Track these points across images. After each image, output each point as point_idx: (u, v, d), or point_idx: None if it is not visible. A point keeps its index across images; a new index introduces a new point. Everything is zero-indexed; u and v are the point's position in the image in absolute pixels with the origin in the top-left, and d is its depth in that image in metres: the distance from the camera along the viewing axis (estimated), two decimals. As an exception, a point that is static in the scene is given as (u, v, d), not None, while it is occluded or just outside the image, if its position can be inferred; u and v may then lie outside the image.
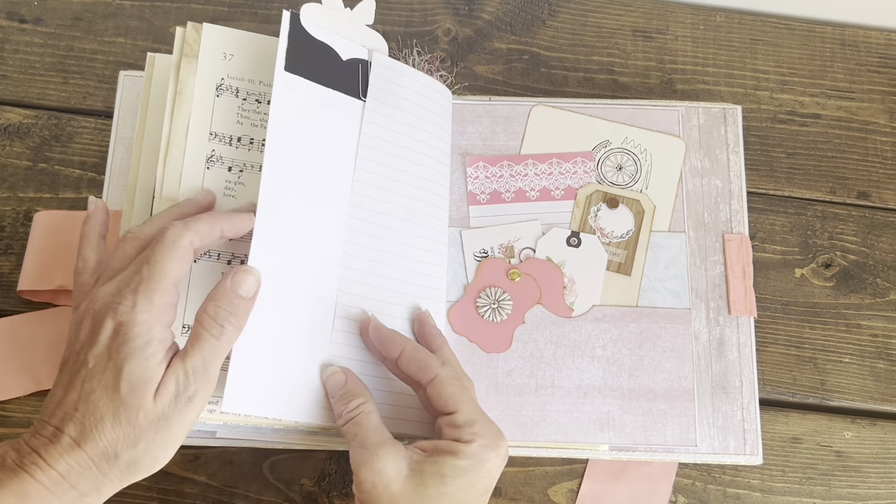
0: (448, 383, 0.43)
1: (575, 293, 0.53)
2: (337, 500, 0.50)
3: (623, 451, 0.50)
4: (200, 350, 0.39)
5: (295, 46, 0.47)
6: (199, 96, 0.47)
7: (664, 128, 0.56)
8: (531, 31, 0.60)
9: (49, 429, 0.37)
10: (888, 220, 0.57)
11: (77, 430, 0.37)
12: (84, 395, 0.37)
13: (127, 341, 0.37)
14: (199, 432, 0.49)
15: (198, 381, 0.38)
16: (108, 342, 0.38)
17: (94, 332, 0.38)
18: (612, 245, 0.54)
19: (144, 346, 0.37)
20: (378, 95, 0.50)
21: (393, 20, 0.60)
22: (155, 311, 0.38)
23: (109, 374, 0.37)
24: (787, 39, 0.61)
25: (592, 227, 0.54)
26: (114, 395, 0.37)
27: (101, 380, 0.37)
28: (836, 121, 0.59)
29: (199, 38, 0.48)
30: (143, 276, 0.39)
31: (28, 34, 0.59)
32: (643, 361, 0.52)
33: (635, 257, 0.53)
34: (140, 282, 0.38)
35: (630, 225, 0.54)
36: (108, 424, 0.37)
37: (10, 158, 0.56)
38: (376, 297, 0.48)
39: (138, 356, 0.37)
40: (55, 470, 0.36)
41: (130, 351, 0.37)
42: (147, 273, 0.39)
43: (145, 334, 0.38)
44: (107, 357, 0.37)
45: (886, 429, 0.53)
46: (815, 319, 0.55)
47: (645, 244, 0.54)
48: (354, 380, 0.45)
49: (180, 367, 0.38)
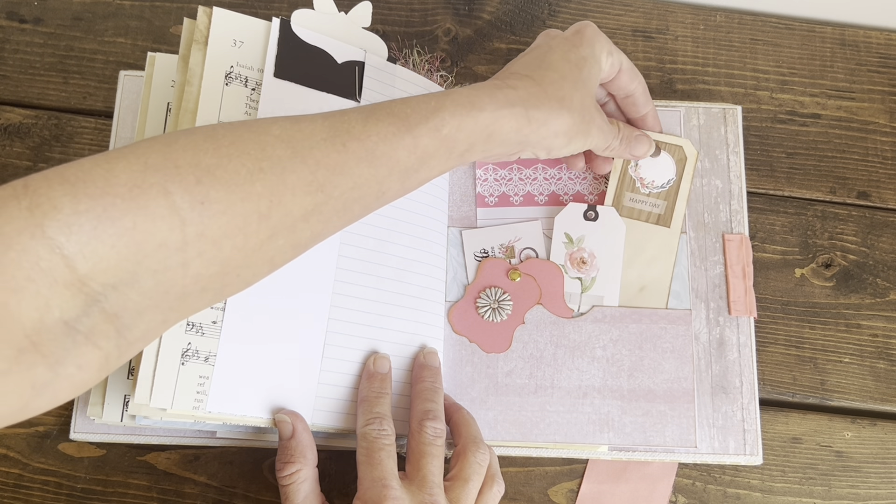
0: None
1: (596, 267, 0.53)
2: (337, 500, 0.50)
3: (623, 451, 0.50)
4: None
5: (285, 52, 0.47)
6: (207, 84, 0.46)
7: (665, 129, 0.56)
8: (531, 31, 0.60)
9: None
10: (888, 220, 0.57)
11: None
12: None
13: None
14: (199, 432, 0.49)
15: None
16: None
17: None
18: (651, 196, 0.53)
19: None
20: (372, 97, 0.50)
21: (393, 20, 0.60)
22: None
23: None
24: (787, 39, 0.61)
25: (633, 177, 0.54)
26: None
27: None
28: (836, 121, 0.59)
29: (209, 24, 0.46)
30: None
31: (28, 34, 0.59)
32: (643, 362, 0.52)
33: (675, 208, 0.53)
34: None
35: (671, 174, 0.54)
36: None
37: (10, 158, 0.56)
38: (373, 297, 0.48)
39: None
40: None
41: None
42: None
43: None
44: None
45: (886, 429, 0.53)
46: (815, 319, 0.55)
47: (686, 194, 0.53)
48: (300, 434, 0.45)
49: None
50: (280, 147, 0.34)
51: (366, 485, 0.42)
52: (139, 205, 0.30)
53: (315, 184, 0.35)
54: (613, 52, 0.48)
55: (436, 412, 0.46)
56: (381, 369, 0.47)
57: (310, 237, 0.37)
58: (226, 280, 0.34)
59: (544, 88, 0.43)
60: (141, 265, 0.30)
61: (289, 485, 0.44)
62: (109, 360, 0.32)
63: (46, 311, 0.29)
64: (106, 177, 0.30)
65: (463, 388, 0.51)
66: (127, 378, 0.46)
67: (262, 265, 0.35)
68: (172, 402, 0.43)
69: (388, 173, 0.37)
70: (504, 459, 0.51)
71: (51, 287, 0.28)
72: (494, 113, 0.40)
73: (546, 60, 0.45)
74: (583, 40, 0.47)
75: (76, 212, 0.29)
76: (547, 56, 0.45)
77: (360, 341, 0.48)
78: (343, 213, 0.37)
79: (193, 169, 0.32)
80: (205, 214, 0.32)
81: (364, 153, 0.36)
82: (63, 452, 0.50)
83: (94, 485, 0.50)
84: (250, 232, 0.33)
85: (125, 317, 0.31)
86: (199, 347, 0.43)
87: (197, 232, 0.31)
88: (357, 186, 0.37)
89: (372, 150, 0.36)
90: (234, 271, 0.34)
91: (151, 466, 0.50)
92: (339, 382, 0.47)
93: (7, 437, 0.51)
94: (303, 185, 0.34)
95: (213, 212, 0.32)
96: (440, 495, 0.43)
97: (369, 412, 0.45)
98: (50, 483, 0.50)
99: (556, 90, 0.43)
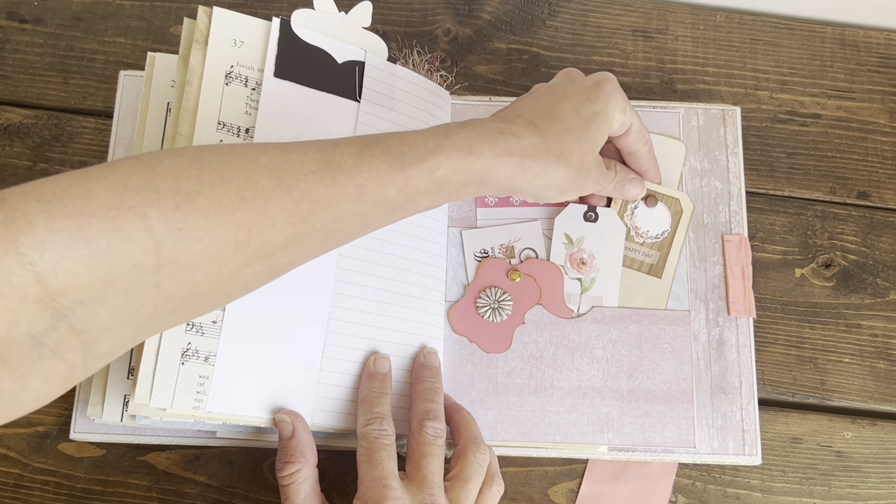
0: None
1: (595, 268, 0.53)
2: (337, 500, 0.50)
3: (622, 451, 0.50)
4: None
5: (285, 52, 0.47)
6: (207, 83, 0.46)
7: (664, 129, 0.56)
8: (531, 31, 0.60)
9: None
10: (888, 220, 0.57)
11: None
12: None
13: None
14: (199, 432, 0.49)
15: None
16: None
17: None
18: (645, 245, 0.54)
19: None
20: (372, 97, 0.50)
21: (393, 20, 0.60)
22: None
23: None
24: (787, 39, 0.61)
25: (627, 225, 0.54)
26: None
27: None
28: (836, 121, 0.59)
29: (209, 24, 0.46)
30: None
31: (28, 34, 0.59)
32: (642, 363, 0.52)
33: (668, 259, 0.53)
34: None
35: (666, 225, 0.54)
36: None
37: (10, 158, 0.56)
38: (373, 297, 0.48)
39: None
40: None
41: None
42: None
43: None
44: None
45: (886, 429, 0.53)
46: (815, 319, 0.55)
47: (679, 246, 0.53)
48: (300, 434, 0.45)
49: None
50: (266, 177, 0.34)
51: (366, 485, 0.42)
52: (115, 227, 0.30)
53: (298, 216, 0.35)
54: (627, 110, 0.47)
55: (436, 412, 0.46)
56: (382, 369, 0.47)
57: (287, 264, 0.37)
58: (198, 302, 0.34)
59: (546, 140, 0.42)
60: (112, 285, 0.30)
61: (289, 485, 0.44)
62: (75, 372, 0.32)
63: (14, 326, 0.29)
64: (84, 196, 0.30)
65: (463, 388, 0.51)
66: (127, 378, 0.46)
67: (236, 289, 0.36)
68: (172, 401, 0.43)
69: (374, 209, 0.37)
70: (504, 459, 0.51)
71: (20, 302, 0.28)
72: (491, 160, 0.40)
73: (556, 109, 0.44)
74: (599, 94, 0.46)
75: (51, 230, 0.29)
76: (558, 105, 0.44)
77: (360, 341, 0.48)
78: (323, 243, 0.37)
79: (174, 194, 0.32)
80: (181, 240, 0.32)
81: (353, 188, 0.36)
82: (63, 452, 0.51)
83: (94, 485, 0.50)
84: (226, 259, 0.33)
85: (92, 332, 0.31)
86: (199, 347, 0.43)
87: (171, 257, 0.31)
88: (341, 219, 0.36)
89: (361, 186, 0.36)
90: (207, 294, 0.34)
91: (151, 466, 0.50)
92: (339, 382, 0.47)
93: (7, 437, 0.51)
94: (285, 216, 0.34)
95: (189, 238, 0.32)
96: (440, 495, 0.43)
97: (370, 412, 0.45)
98: (50, 483, 0.50)
99: (558, 144, 0.42)
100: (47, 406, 0.50)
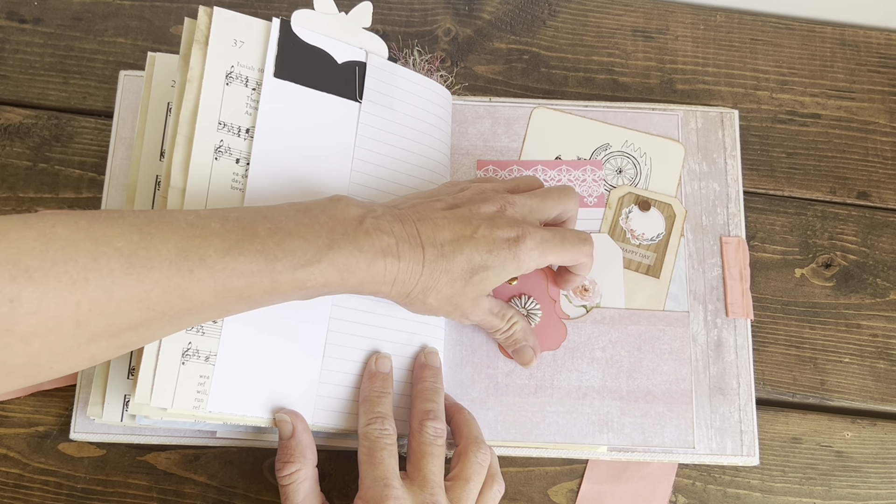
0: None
1: (599, 293, 0.53)
2: (337, 500, 0.50)
3: (621, 451, 0.51)
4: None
5: (285, 53, 0.47)
6: (207, 83, 0.46)
7: (663, 131, 0.56)
8: (531, 31, 0.60)
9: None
10: (888, 220, 0.57)
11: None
12: None
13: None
14: (199, 432, 0.49)
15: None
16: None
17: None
18: (641, 247, 0.54)
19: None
20: (373, 97, 0.50)
21: (393, 20, 0.60)
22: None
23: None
24: (787, 39, 0.61)
25: (623, 228, 0.54)
26: None
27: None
28: (836, 121, 0.59)
29: (209, 24, 0.46)
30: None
31: (28, 34, 0.59)
32: (642, 363, 0.52)
33: (664, 260, 0.53)
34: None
35: (661, 228, 0.54)
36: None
37: (10, 158, 0.56)
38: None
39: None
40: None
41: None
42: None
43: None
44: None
45: (886, 429, 0.53)
46: (815, 319, 0.55)
47: (675, 248, 0.54)
48: (300, 434, 0.45)
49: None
50: (117, 261, 0.34)
51: (367, 484, 0.42)
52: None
53: (147, 302, 0.35)
54: (551, 255, 0.45)
55: (437, 412, 0.46)
56: (383, 369, 0.47)
57: (138, 341, 0.36)
58: (37, 371, 0.34)
59: (423, 271, 0.42)
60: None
61: (289, 484, 0.44)
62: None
63: None
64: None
65: (463, 389, 0.51)
66: (127, 378, 0.46)
67: (81, 361, 0.35)
68: (173, 401, 0.43)
69: (235, 302, 0.37)
70: (504, 459, 0.51)
71: None
72: (363, 280, 0.40)
73: (454, 245, 0.43)
74: (503, 250, 0.43)
75: None
76: (460, 242, 0.43)
77: (361, 341, 0.48)
78: (180, 326, 0.37)
79: (10, 267, 0.32)
80: (14, 312, 0.32)
81: (212, 283, 0.36)
82: (63, 452, 0.51)
83: (94, 485, 0.50)
84: (65, 334, 0.33)
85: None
86: (199, 347, 0.43)
87: (4, 327, 0.32)
88: (196, 309, 0.36)
89: (223, 283, 0.36)
90: (47, 364, 0.34)
91: (151, 466, 0.51)
92: (340, 382, 0.47)
93: (7, 437, 0.51)
94: (132, 301, 0.34)
95: (22, 311, 0.32)
96: (441, 495, 0.43)
97: (371, 412, 0.45)
98: (50, 483, 0.50)
99: (432, 278, 0.42)
100: (47, 406, 0.51)
